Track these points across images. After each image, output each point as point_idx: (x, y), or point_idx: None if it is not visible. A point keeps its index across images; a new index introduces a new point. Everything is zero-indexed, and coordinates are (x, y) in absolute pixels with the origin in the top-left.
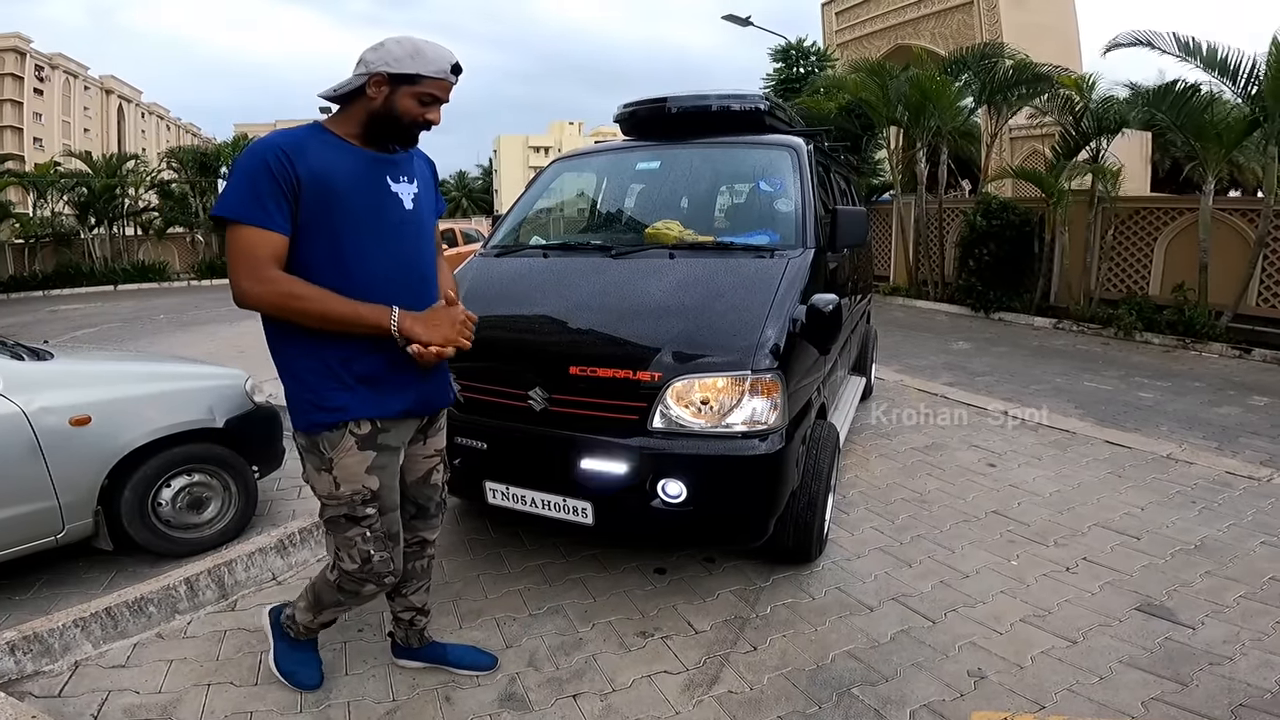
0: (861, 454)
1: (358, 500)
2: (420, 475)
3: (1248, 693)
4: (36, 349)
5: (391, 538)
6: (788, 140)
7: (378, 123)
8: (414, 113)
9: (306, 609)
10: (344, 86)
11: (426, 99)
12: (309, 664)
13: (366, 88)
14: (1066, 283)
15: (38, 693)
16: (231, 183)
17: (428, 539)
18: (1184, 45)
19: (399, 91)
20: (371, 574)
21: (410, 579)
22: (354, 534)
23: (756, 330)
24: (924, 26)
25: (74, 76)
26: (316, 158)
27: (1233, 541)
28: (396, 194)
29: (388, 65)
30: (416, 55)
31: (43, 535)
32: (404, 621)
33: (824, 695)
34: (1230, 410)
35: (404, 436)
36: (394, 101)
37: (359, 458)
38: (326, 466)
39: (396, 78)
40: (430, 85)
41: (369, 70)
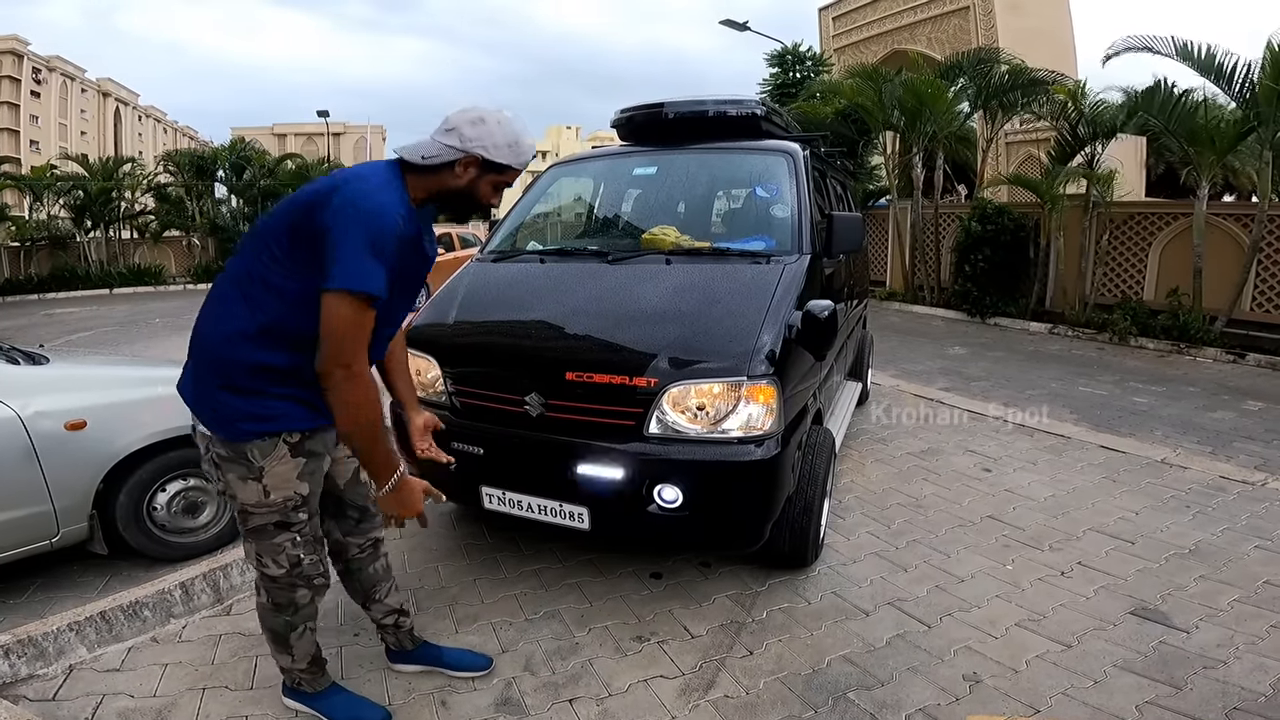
0: (858, 459)
1: (289, 506)
2: (349, 477)
3: (1241, 696)
4: (32, 353)
5: (318, 540)
6: (784, 146)
7: (451, 197)
8: (487, 197)
9: (275, 652)
10: (434, 157)
11: (501, 186)
12: (354, 705)
13: (454, 166)
14: (1062, 288)
15: (32, 696)
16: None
17: (377, 539)
18: (1182, 49)
19: (485, 177)
20: (300, 577)
21: (376, 583)
22: (283, 539)
23: (752, 336)
24: (920, 31)
25: (71, 79)
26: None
27: (1227, 546)
28: (425, 251)
29: (485, 150)
30: (514, 146)
31: (37, 539)
32: (389, 627)
33: (820, 699)
34: (1224, 415)
35: (329, 443)
36: (477, 185)
37: (291, 465)
38: (255, 475)
39: (488, 164)
40: (511, 176)
41: (464, 149)
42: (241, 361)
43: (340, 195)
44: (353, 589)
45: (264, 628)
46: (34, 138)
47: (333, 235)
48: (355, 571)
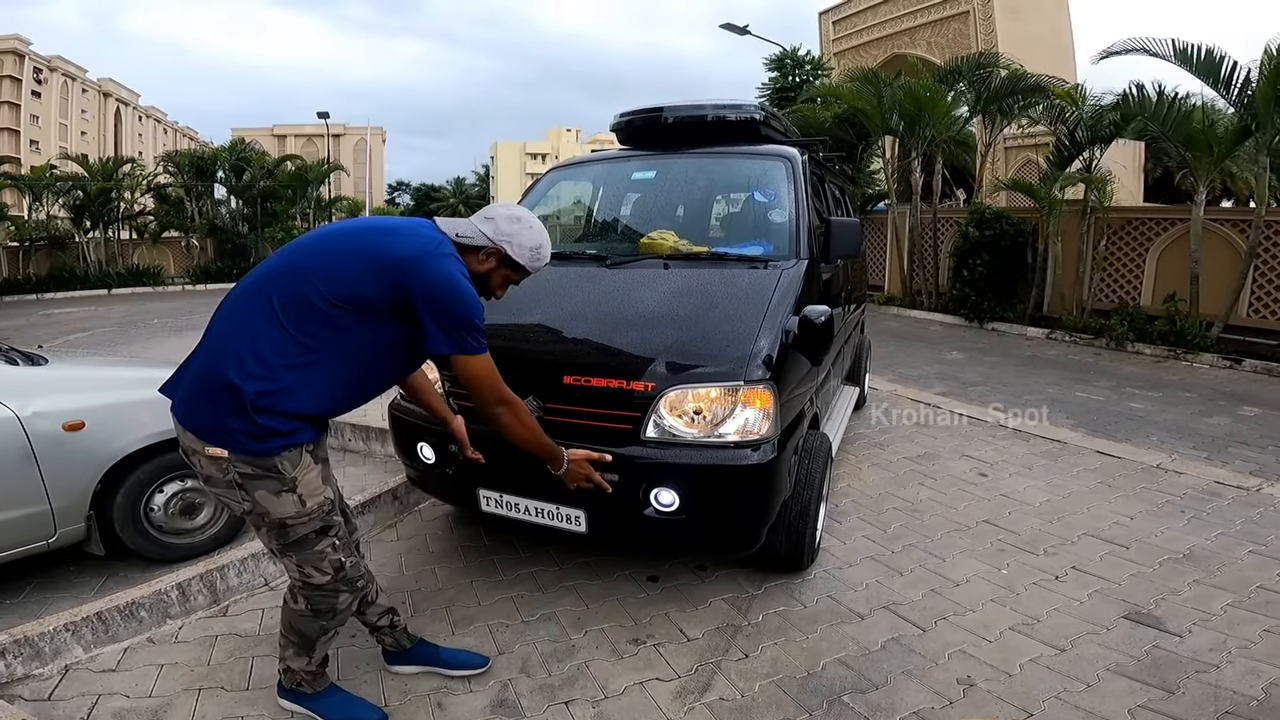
0: (854, 463)
1: (325, 510)
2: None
3: (1234, 700)
4: (31, 354)
5: (352, 543)
6: (782, 150)
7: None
8: (495, 287)
9: (297, 654)
10: (468, 238)
11: (509, 282)
12: (350, 705)
13: (480, 251)
14: (1059, 293)
15: (28, 696)
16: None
17: (357, 540)
18: (1181, 53)
19: (500, 271)
20: (345, 581)
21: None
22: (324, 546)
23: (749, 341)
24: (920, 36)
25: (72, 79)
26: None
27: (1221, 550)
28: None
29: (509, 247)
30: (536, 251)
31: (35, 540)
32: (384, 628)
33: (815, 702)
34: (1220, 420)
35: (321, 453)
36: (492, 275)
37: (316, 471)
38: (289, 487)
39: (507, 259)
40: (521, 277)
41: (494, 240)
42: (272, 386)
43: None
44: None
45: (291, 631)
46: (34, 138)
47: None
48: None
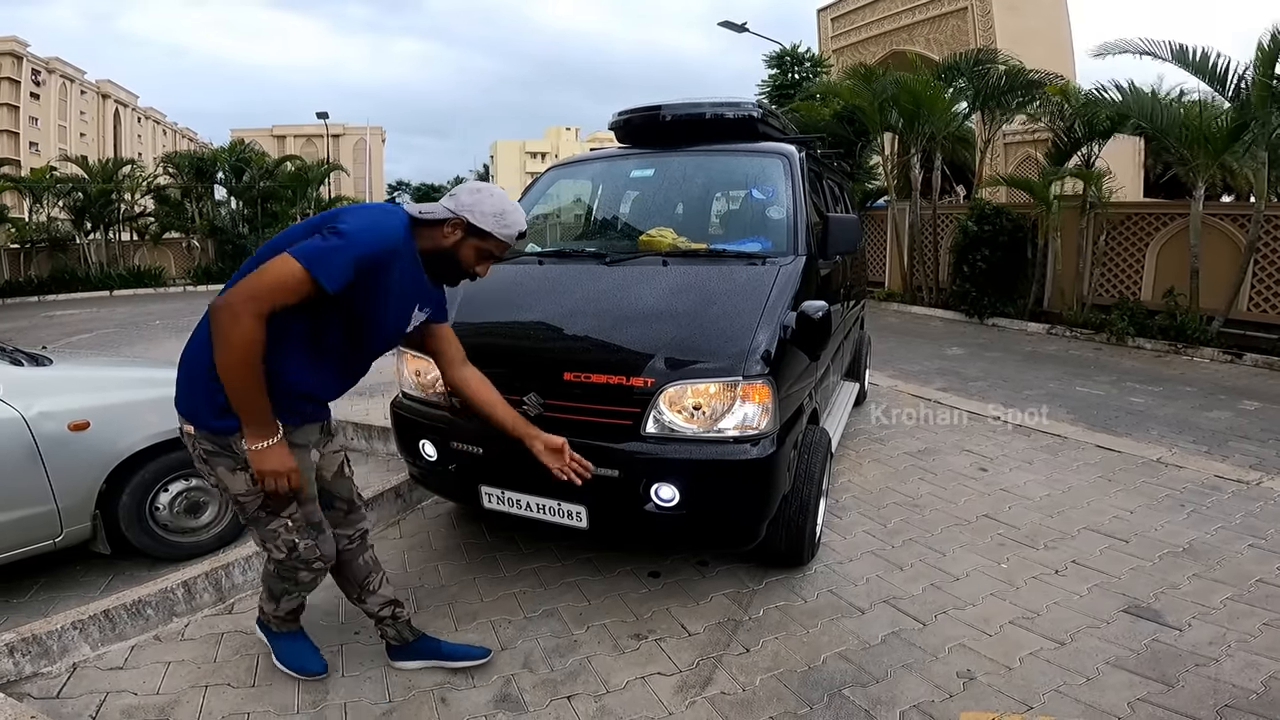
0: (854, 459)
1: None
2: (335, 470)
3: (1233, 693)
4: (35, 355)
5: (314, 526)
6: (780, 148)
7: (440, 256)
8: (470, 263)
9: (266, 599)
10: (430, 213)
11: (485, 254)
12: (306, 653)
13: (444, 225)
14: (1059, 288)
15: (36, 694)
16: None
17: (364, 530)
18: (1177, 52)
19: (468, 241)
20: (300, 560)
21: (368, 574)
22: (276, 526)
23: (748, 337)
24: (919, 32)
25: (70, 81)
26: (399, 271)
27: (1221, 544)
28: (411, 317)
29: (471, 215)
30: (500, 216)
31: (41, 539)
32: (386, 619)
33: (815, 696)
34: (1220, 415)
35: (310, 437)
36: (460, 247)
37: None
38: (241, 465)
39: (472, 228)
40: (495, 246)
41: (455, 211)
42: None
43: (350, 209)
44: (346, 584)
45: (263, 580)
46: (33, 139)
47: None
48: (346, 564)
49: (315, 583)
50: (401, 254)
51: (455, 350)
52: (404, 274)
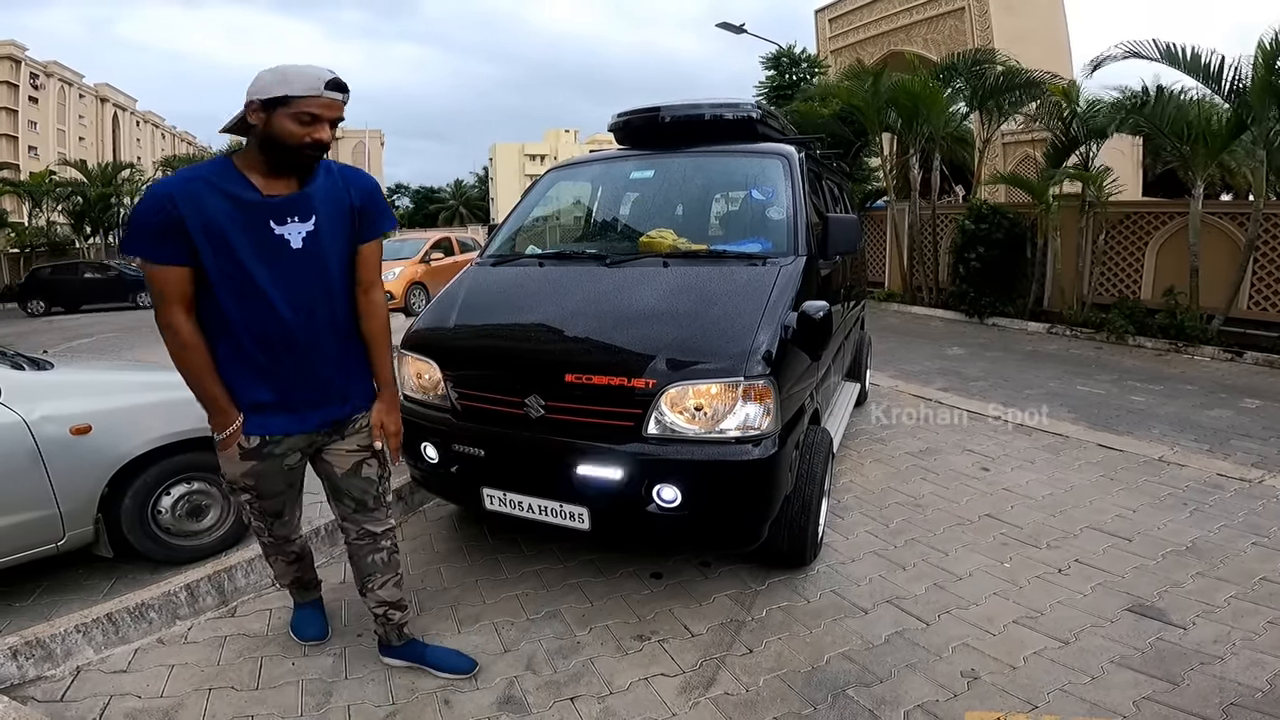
0: (856, 459)
1: (237, 487)
2: (348, 468)
3: (1239, 692)
4: (37, 359)
5: (271, 514)
6: (779, 148)
7: (269, 149)
8: (296, 134)
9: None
10: (231, 120)
11: (305, 118)
12: (310, 621)
13: (248, 117)
14: (1059, 288)
15: (40, 697)
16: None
17: (373, 531)
18: (1167, 53)
19: (275, 115)
20: (255, 532)
21: (372, 573)
22: (239, 500)
23: (749, 337)
24: (916, 32)
25: (69, 84)
26: (207, 202)
27: (1223, 543)
28: (282, 235)
29: (259, 93)
30: (282, 80)
31: (44, 543)
32: (379, 617)
33: (819, 696)
34: (1222, 413)
35: (296, 444)
36: (272, 124)
37: (240, 466)
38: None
39: (268, 103)
40: (303, 104)
41: (244, 104)
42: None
43: None
44: (354, 573)
45: None
46: (32, 143)
47: None
48: (353, 556)
49: (270, 549)
50: (199, 190)
51: (366, 274)
52: (214, 200)
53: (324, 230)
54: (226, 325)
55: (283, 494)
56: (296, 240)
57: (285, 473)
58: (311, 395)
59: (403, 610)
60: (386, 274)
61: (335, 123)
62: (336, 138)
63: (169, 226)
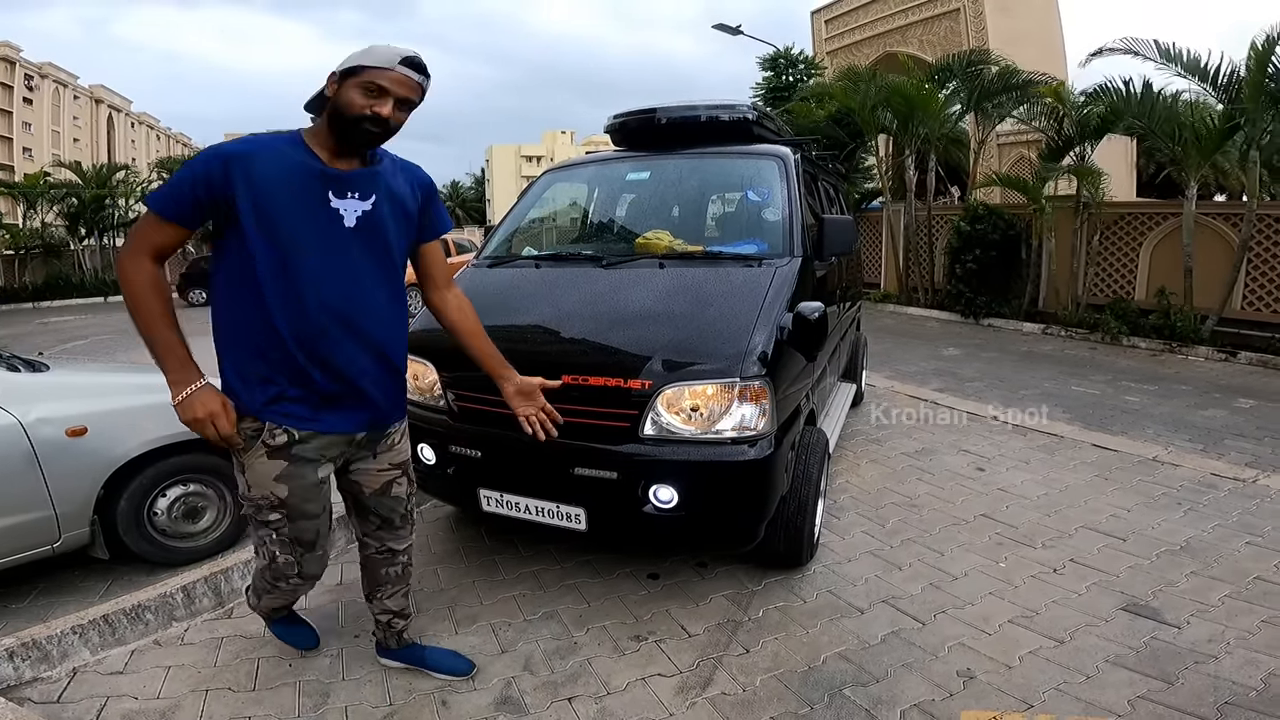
0: (852, 459)
1: (264, 505)
2: (378, 488)
3: (1233, 690)
4: (32, 361)
5: (303, 544)
6: (775, 150)
7: (335, 121)
8: (359, 104)
9: (252, 593)
10: (313, 101)
11: (371, 89)
12: (294, 632)
13: (325, 89)
14: (1054, 288)
15: (37, 698)
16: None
17: (395, 549)
18: (1164, 52)
19: (345, 85)
20: (278, 573)
21: (384, 584)
22: (262, 534)
23: (744, 338)
24: (912, 34)
25: (63, 86)
26: (261, 168)
27: (1218, 542)
28: (337, 210)
29: (340, 65)
30: (365, 53)
31: (40, 544)
32: (381, 624)
33: (816, 696)
34: (1216, 413)
35: (328, 452)
36: (341, 96)
37: (268, 466)
38: (240, 467)
39: (345, 73)
40: (373, 75)
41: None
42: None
43: None
44: (365, 580)
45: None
46: (27, 145)
47: None
48: (367, 567)
49: (295, 594)
50: (257, 154)
51: (439, 271)
52: (272, 166)
53: (381, 213)
54: (260, 302)
55: (318, 517)
56: (350, 218)
57: (318, 487)
58: (349, 391)
59: (406, 618)
60: None
61: (404, 103)
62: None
63: (207, 191)
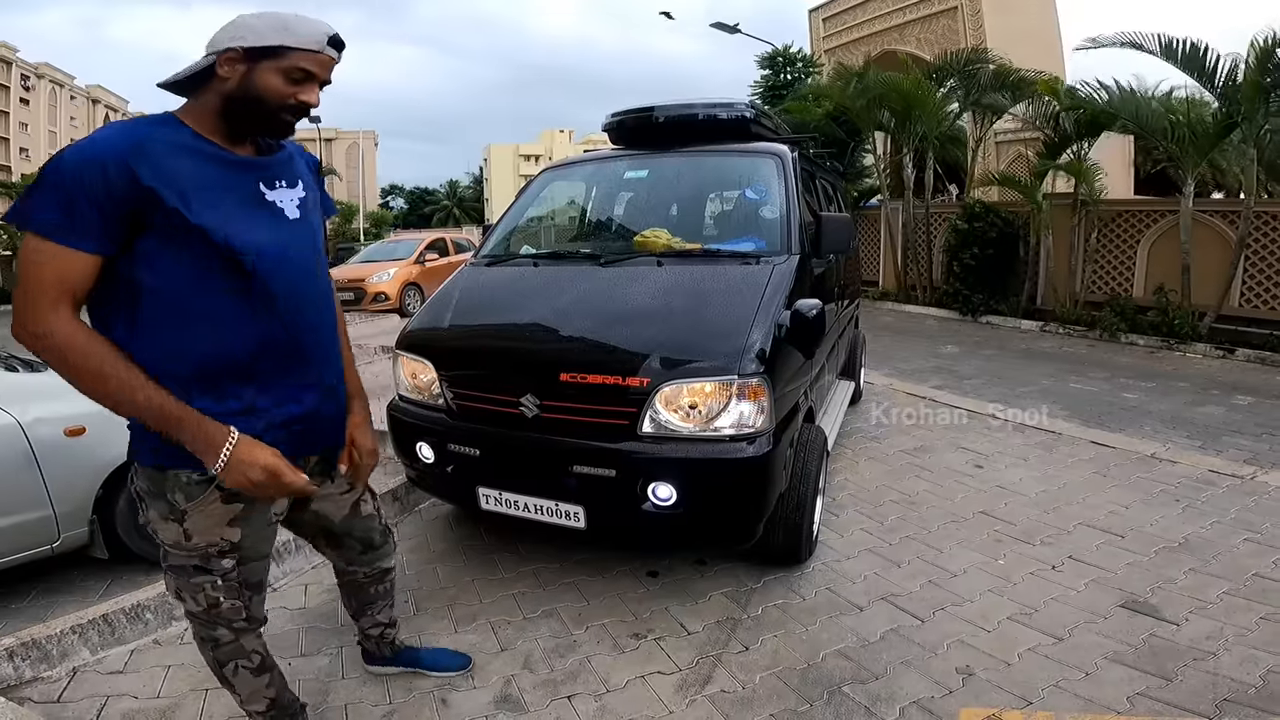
0: (851, 457)
1: (212, 552)
2: (346, 512)
3: (1232, 687)
4: (30, 361)
5: (251, 587)
6: (772, 148)
7: (237, 108)
8: (281, 92)
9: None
10: (188, 69)
11: (297, 75)
12: None
13: (216, 68)
14: (1052, 286)
15: (37, 698)
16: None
17: (386, 567)
18: (1166, 47)
19: (259, 68)
20: (220, 618)
21: (374, 601)
22: (202, 580)
23: (743, 335)
24: (910, 32)
25: (60, 86)
26: (173, 164)
27: (1216, 539)
28: (274, 202)
29: (243, 40)
30: (282, 27)
31: (39, 544)
32: (372, 637)
33: (815, 693)
34: (1214, 410)
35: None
36: (253, 80)
37: (221, 511)
38: (176, 518)
39: (254, 52)
40: (300, 58)
41: (217, 49)
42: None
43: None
44: (348, 601)
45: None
46: (23, 145)
47: None
48: (354, 591)
49: (238, 644)
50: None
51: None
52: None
53: (308, 201)
54: (214, 321)
55: (266, 556)
56: (291, 209)
57: (272, 525)
58: (312, 408)
59: (395, 626)
60: (381, 275)
61: (323, 86)
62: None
63: (114, 197)
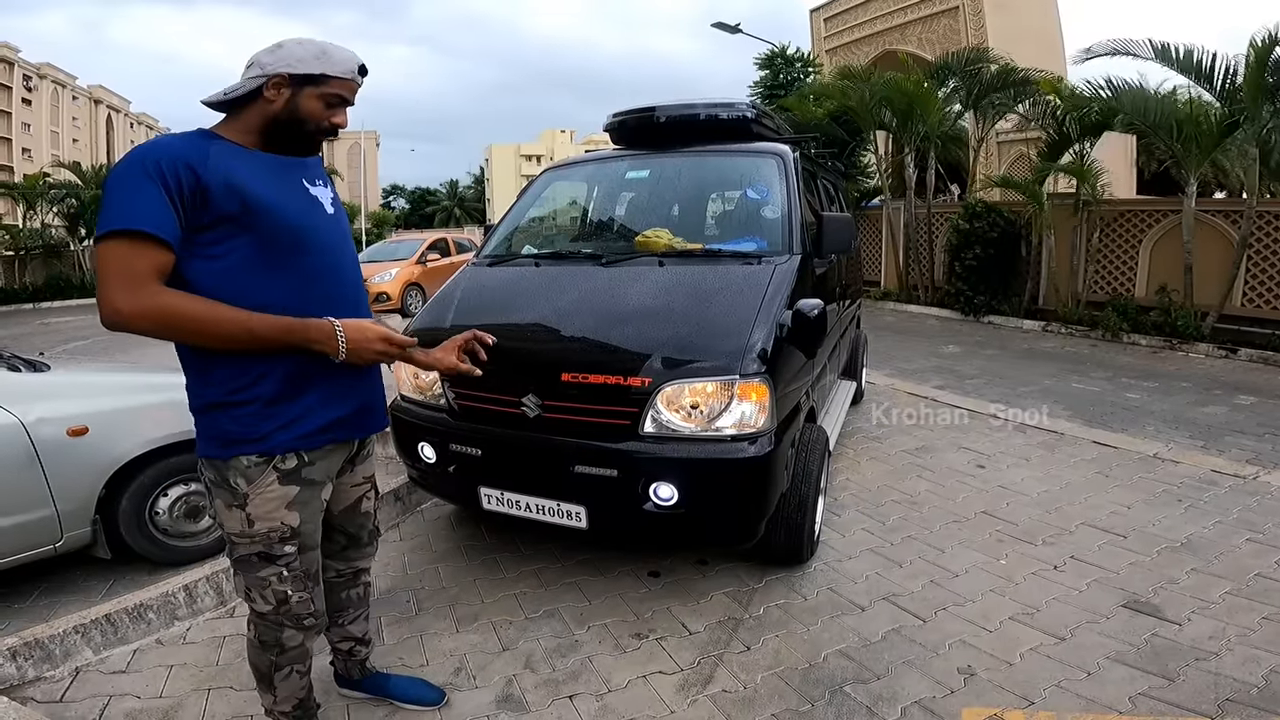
0: (853, 457)
1: (274, 538)
2: (349, 504)
3: (1234, 687)
4: (33, 360)
5: (311, 578)
6: (774, 148)
7: (279, 128)
8: (319, 116)
9: (259, 689)
10: (235, 90)
11: (334, 100)
12: None
13: (264, 90)
14: (1054, 286)
15: (40, 698)
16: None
17: (362, 568)
18: (1160, 51)
19: (302, 93)
20: (289, 616)
21: (345, 608)
22: (268, 573)
23: (744, 335)
24: (911, 32)
25: (62, 86)
26: (226, 164)
27: (1218, 539)
28: (316, 198)
29: (290, 66)
30: (322, 56)
31: (41, 544)
32: (342, 652)
33: (817, 693)
34: (1216, 410)
35: (331, 469)
36: (297, 104)
37: (280, 493)
38: (240, 503)
39: (299, 79)
40: (337, 85)
41: (265, 72)
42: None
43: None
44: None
45: (249, 662)
46: (26, 145)
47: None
48: (325, 590)
49: (303, 647)
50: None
51: None
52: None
53: (337, 201)
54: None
55: (318, 548)
56: (328, 205)
57: (320, 512)
58: (358, 393)
59: (368, 645)
60: (383, 275)
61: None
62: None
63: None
